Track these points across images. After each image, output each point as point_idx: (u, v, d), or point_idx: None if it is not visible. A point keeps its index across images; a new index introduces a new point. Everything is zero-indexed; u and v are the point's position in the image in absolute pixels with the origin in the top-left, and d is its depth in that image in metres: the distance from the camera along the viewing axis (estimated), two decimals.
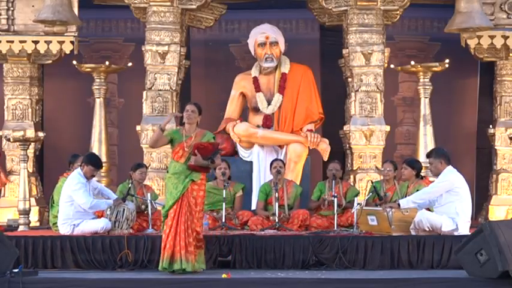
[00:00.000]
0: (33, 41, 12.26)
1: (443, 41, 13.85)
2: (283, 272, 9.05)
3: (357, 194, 10.98)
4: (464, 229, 9.46)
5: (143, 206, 10.41)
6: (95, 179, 10.28)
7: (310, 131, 11.76)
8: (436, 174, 9.65)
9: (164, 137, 9.05)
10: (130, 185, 10.39)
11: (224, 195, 10.37)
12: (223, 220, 10.29)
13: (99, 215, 10.04)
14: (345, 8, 12.00)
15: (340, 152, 12.58)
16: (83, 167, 9.90)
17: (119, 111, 14.29)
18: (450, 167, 9.56)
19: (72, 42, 12.25)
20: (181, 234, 8.80)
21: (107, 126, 13.08)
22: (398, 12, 12.18)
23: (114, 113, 14.22)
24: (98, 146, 12.81)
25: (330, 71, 13.42)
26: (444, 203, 9.47)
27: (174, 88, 12.04)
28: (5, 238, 8.68)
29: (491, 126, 12.70)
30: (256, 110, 12.07)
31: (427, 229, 9.48)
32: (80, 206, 9.75)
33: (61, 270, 9.32)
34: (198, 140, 8.97)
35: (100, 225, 9.78)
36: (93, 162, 10.01)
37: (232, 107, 12.18)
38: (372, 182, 10.78)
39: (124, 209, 9.85)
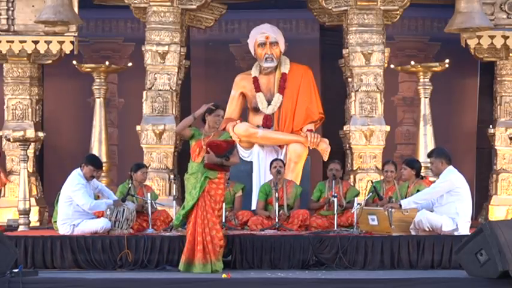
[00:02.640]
0: (33, 41, 12.25)
1: (443, 41, 13.85)
2: (283, 272, 9.05)
3: (357, 194, 10.98)
4: (464, 229, 9.46)
5: (146, 205, 10.38)
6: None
7: (310, 131, 11.76)
8: (437, 174, 9.65)
9: (189, 129, 9.11)
10: (130, 185, 10.39)
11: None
12: (223, 220, 10.28)
13: (99, 215, 10.04)
14: (345, 8, 12.00)
15: (340, 152, 12.58)
16: (83, 167, 9.90)
17: (119, 111, 14.29)
18: (451, 167, 9.56)
19: (72, 42, 12.24)
20: (198, 236, 8.87)
21: (107, 126, 13.08)
22: (398, 12, 12.18)
23: (114, 113, 14.22)
24: (98, 146, 12.82)
25: (330, 71, 13.42)
26: (444, 203, 9.47)
27: (174, 88, 12.03)
28: (5, 238, 8.67)
29: (491, 126, 12.69)
30: (256, 110, 12.07)
31: (427, 229, 9.48)
32: (79, 206, 9.75)
33: (61, 270, 9.32)
34: (214, 138, 9.06)
35: (100, 225, 9.77)
36: (93, 162, 10.01)
37: (232, 107, 12.18)
38: (372, 182, 10.78)
39: (124, 209, 9.85)
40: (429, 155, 9.81)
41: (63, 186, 9.92)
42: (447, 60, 12.63)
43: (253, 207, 11.24)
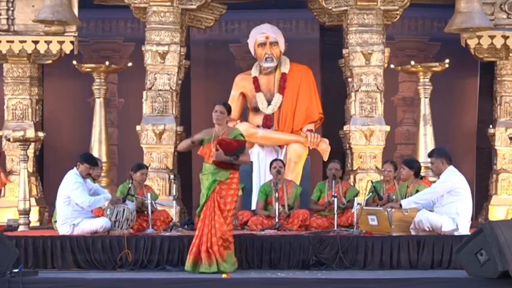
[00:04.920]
0: (33, 41, 12.25)
1: (443, 41, 13.85)
2: (283, 272, 9.04)
3: (357, 194, 10.98)
4: (465, 229, 9.46)
5: (146, 202, 10.36)
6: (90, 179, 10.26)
7: (310, 131, 11.78)
8: (438, 174, 9.64)
9: (196, 139, 9.09)
10: (130, 185, 10.39)
11: None
12: None
13: (99, 214, 10.03)
14: (345, 8, 12.00)
15: (340, 152, 12.58)
16: (78, 166, 9.87)
17: (119, 111, 14.29)
18: (451, 167, 9.55)
19: (72, 42, 12.24)
20: (203, 237, 8.83)
21: (107, 126, 13.08)
22: (398, 12, 12.18)
23: (114, 113, 14.22)
24: (98, 146, 12.82)
25: (330, 71, 13.42)
26: (445, 203, 9.46)
27: (174, 88, 12.03)
28: (5, 238, 8.67)
29: (491, 126, 12.69)
30: (256, 110, 12.08)
31: (427, 229, 9.48)
32: (77, 205, 9.74)
33: (61, 270, 9.32)
34: (224, 137, 8.96)
35: (100, 224, 9.76)
36: (88, 160, 9.98)
37: (232, 107, 12.14)
38: (372, 182, 10.78)
39: (124, 209, 9.84)
40: (430, 155, 9.80)
41: (60, 187, 9.86)
42: (447, 60, 12.63)
43: (253, 207, 11.25)
